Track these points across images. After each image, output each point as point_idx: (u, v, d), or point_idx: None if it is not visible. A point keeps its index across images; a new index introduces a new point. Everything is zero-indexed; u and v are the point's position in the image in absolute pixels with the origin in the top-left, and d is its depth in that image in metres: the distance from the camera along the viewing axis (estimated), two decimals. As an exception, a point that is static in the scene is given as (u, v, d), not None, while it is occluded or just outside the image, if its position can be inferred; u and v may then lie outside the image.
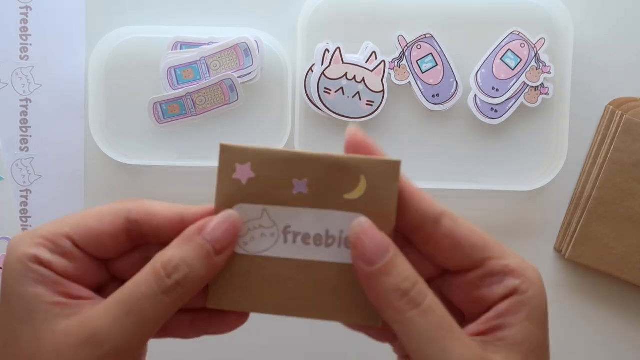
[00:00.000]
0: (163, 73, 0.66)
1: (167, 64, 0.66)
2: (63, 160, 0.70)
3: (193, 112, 0.67)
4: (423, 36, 0.65)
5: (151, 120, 0.67)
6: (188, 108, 0.66)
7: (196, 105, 0.66)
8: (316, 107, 0.65)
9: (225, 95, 0.67)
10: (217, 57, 0.66)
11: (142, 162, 0.67)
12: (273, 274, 0.32)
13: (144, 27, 0.67)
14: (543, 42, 0.65)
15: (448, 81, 0.66)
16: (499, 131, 0.67)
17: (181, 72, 0.66)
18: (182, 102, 0.66)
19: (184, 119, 0.67)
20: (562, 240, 0.69)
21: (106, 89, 0.67)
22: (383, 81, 0.65)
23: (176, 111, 0.67)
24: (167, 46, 0.66)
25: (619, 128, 0.65)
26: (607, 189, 0.66)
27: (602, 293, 0.69)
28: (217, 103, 0.67)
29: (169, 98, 0.66)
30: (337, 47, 0.64)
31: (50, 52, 0.69)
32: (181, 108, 0.67)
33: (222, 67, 0.66)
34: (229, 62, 0.66)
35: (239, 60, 0.65)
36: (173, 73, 0.66)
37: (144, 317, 0.32)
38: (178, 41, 0.66)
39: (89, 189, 0.70)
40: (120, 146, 0.68)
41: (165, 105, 0.66)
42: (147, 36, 0.67)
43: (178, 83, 0.66)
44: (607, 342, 0.70)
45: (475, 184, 0.67)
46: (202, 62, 0.66)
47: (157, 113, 0.66)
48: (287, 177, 0.32)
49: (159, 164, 0.67)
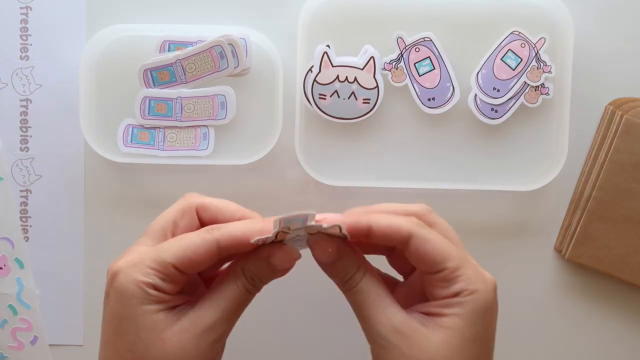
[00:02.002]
0: (140, 76, 0.66)
1: (143, 67, 0.66)
2: (63, 160, 0.70)
3: (179, 117, 0.67)
4: (422, 39, 0.65)
5: (137, 116, 0.67)
6: (175, 113, 0.67)
7: (183, 111, 0.67)
8: (317, 108, 0.65)
9: (215, 110, 0.67)
10: (193, 59, 0.66)
11: (138, 160, 0.67)
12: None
13: (135, 25, 0.67)
14: (543, 42, 0.65)
15: (444, 85, 0.66)
16: (499, 131, 0.67)
17: (157, 74, 0.66)
18: (171, 103, 0.66)
19: (168, 120, 0.67)
20: (562, 241, 0.69)
21: (97, 88, 0.67)
22: (375, 77, 0.65)
23: (163, 111, 0.67)
24: (155, 46, 0.66)
25: (619, 128, 0.65)
26: (607, 189, 0.66)
27: (602, 293, 0.69)
28: (205, 116, 0.67)
29: (159, 96, 0.66)
30: (324, 52, 0.64)
31: (50, 52, 0.69)
32: (168, 109, 0.67)
33: (198, 69, 0.66)
34: (205, 64, 0.66)
35: (214, 63, 0.65)
36: (150, 75, 0.66)
37: (234, 308, 0.46)
38: (166, 40, 0.66)
39: (89, 189, 0.70)
40: (112, 144, 0.68)
41: (154, 102, 0.67)
42: (139, 34, 0.67)
43: (154, 85, 0.66)
44: (607, 342, 0.70)
45: (475, 184, 0.67)
46: (178, 64, 0.66)
47: (144, 109, 0.67)
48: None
49: (157, 162, 0.67)
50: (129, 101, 0.67)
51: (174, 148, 0.67)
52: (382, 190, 0.68)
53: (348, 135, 0.67)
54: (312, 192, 0.69)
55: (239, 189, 0.69)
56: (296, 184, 0.69)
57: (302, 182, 0.68)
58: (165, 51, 0.66)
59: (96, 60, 0.67)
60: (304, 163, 0.66)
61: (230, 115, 0.66)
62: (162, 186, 0.69)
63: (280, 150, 0.67)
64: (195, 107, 0.66)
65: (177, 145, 0.67)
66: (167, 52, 0.66)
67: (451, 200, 0.69)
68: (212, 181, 0.69)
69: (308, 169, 0.66)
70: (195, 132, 0.67)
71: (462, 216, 0.69)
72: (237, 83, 0.67)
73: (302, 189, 0.69)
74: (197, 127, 0.67)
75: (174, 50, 0.66)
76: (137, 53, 0.66)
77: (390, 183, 0.67)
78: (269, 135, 0.67)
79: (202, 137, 0.67)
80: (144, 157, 0.67)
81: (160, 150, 0.67)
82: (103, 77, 0.67)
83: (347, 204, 0.68)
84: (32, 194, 0.70)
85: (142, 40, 0.66)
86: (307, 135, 0.67)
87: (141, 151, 0.67)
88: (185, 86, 0.66)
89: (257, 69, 0.67)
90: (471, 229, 0.69)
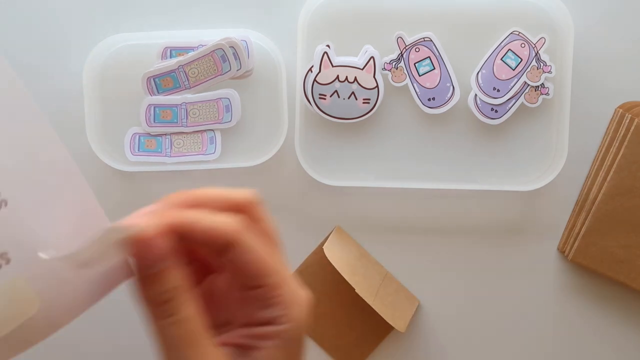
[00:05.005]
0: (143, 84, 0.66)
1: (146, 75, 0.66)
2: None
3: (184, 123, 0.67)
4: (422, 39, 0.65)
5: (142, 124, 0.67)
6: (180, 119, 0.67)
7: (189, 117, 0.67)
8: (317, 108, 0.66)
9: (220, 114, 0.67)
10: (195, 64, 0.66)
11: (146, 168, 0.68)
12: None
13: (135, 34, 0.67)
14: (543, 42, 0.65)
15: (444, 85, 0.66)
16: (499, 131, 0.67)
17: (160, 81, 0.66)
18: (176, 109, 0.67)
19: (174, 126, 0.67)
20: (566, 242, 0.68)
21: (102, 98, 0.68)
22: (375, 77, 0.65)
23: (168, 117, 0.67)
24: (157, 53, 0.66)
25: (628, 131, 0.65)
26: (614, 193, 0.65)
27: (604, 296, 0.69)
28: (211, 120, 0.67)
29: (163, 103, 0.67)
30: (324, 52, 0.64)
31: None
32: (174, 115, 0.67)
33: (200, 74, 0.66)
34: (207, 68, 0.66)
35: (216, 66, 0.66)
36: (153, 82, 0.66)
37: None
38: (167, 47, 0.66)
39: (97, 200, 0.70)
40: (118, 153, 0.68)
41: (159, 109, 0.67)
42: (139, 42, 0.67)
43: (158, 92, 0.67)
44: (609, 345, 0.69)
45: (475, 184, 0.67)
46: (181, 70, 0.66)
47: (149, 116, 0.67)
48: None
49: (166, 169, 0.68)
50: (134, 110, 0.67)
51: (181, 154, 0.67)
52: (382, 190, 0.68)
53: (348, 135, 0.67)
54: (312, 191, 0.69)
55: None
56: (297, 183, 0.69)
57: (303, 181, 0.69)
58: (167, 57, 0.66)
59: (99, 71, 0.67)
60: (304, 163, 0.66)
61: (235, 118, 0.67)
62: (163, 191, 0.69)
63: (287, 149, 0.67)
64: (201, 111, 0.67)
65: (185, 150, 0.67)
66: (168, 58, 0.66)
67: (451, 200, 0.68)
68: (220, 185, 0.69)
69: (308, 169, 0.66)
70: (202, 136, 0.67)
71: (462, 216, 0.69)
72: (240, 85, 0.67)
73: (304, 188, 0.69)
74: (203, 132, 0.67)
75: (175, 56, 0.66)
76: (139, 61, 0.67)
77: (390, 183, 0.67)
78: (276, 135, 0.67)
79: (209, 141, 0.67)
80: (152, 165, 0.67)
81: (167, 157, 0.67)
82: (106, 87, 0.68)
83: (347, 203, 0.69)
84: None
85: (143, 48, 0.67)
86: (307, 136, 0.67)
87: (149, 159, 0.67)
88: (189, 91, 0.67)
89: (260, 70, 0.67)
90: (472, 229, 0.69)
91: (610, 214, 0.66)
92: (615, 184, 0.65)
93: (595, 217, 0.66)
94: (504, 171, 0.67)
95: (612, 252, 0.66)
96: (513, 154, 0.67)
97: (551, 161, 0.66)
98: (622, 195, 0.65)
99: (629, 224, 0.65)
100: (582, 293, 0.69)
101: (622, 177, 0.65)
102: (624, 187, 0.65)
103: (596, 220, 0.66)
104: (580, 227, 0.67)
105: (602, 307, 0.69)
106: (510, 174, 0.67)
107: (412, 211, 0.69)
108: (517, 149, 0.67)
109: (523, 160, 0.67)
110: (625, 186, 0.65)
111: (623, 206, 0.65)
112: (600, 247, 0.66)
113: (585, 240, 0.66)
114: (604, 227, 0.66)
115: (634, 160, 0.65)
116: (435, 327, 0.70)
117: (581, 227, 0.67)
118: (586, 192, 0.67)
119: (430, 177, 0.67)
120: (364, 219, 0.69)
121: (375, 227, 0.69)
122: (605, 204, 0.66)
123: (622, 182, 0.65)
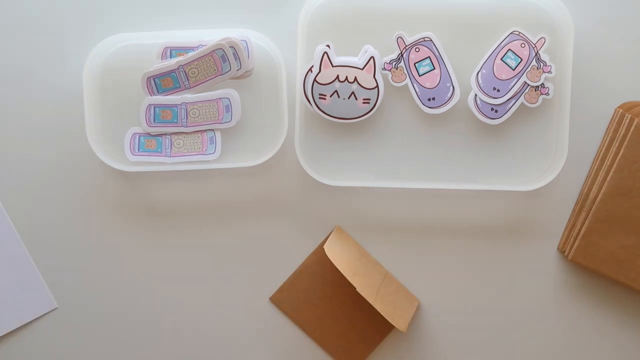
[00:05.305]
0: (143, 84, 0.66)
1: (146, 75, 0.66)
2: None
3: (184, 123, 0.67)
4: (422, 39, 0.65)
5: (142, 124, 0.67)
6: (180, 119, 0.67)
7: (189, 117, 0.67)
8: (317, 108, 0.66)
9: (220, 114, 0.67)
10: (195, 64, 0.66)
11: (147, 168, 0.68)
12: None
13: (135, 34, 0.67)
14: (543, 42, 0.65)
15: (444, 85, 0.66)
16: (499, 131, 0.67)
17: (160, 81, 0.66)
18: (176, 109, 0.67)
19: (174, 126, 0.67)
20: (566, 242, 0.68)
21: (101, 98, 0.68)
22: (375, 77, 0.65)
23: (168, 117, 0.67)
24: (157, 53, 0.66)
25: (628, 131, 0.65)
26: (614, 193, 0.65)
27: (604, 295, 0.69)
28: (211, 120, 0.67)
29: (163, 103, 0.67)
30: (324, 52, 0.64)
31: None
32: (174, 115, 0.67)
33: (200, 74, 0.66)
34: (207, 68, 0.66)
35: (216, 66, 0.66)
36: (153, 82, 0.66)
37: None
38: (167, 47, 0.66)
39: (97, 199, 0.70)
40: (118, 153, 0.68)
41: (159, 109, 0.67)
42: (139, 42, 0.67)
43: (158, 92, 0.67)
44: (609, 345, 0.69)
45: (475, 184, 0.67)
46: (181, 70, 0.66)
47: (149, 116, 0.67)
48: None
49: (166, 169, 0.68)
50: (134, 110, 0.67)
51: (181, 154, 0.67)
52: (382, 190, 0.68)
53: (348, 135, 0.67)
54: (312, 191, 0.69)
55: (247, 190, 0.69)
56: (297, 183, 0.69)
57: (302, 181, 0.69)
58: (166, 57, 0.66)
59: (99, 71, 0.67)
60: (304, 163, 0.66)
61: (235, 118, 0.67)
62: (170, 193, 0.70)
63: (287, 149, 0.67)
64: (201, 111, 0.67)
65: (185, 150, 0.67)
66: (168, 58, 0.66)
67: (451, 200, 0.68)
68: (219, 186, 0.70)
69: (308, 169, 0.66)
70: (202, 136, 0.67)
71: (462, 216, 0.69)
72: (240, 85, 0.67)
73: (304, 188, 0.69)
74: (203, 132, 0.67)
75: (175, 56, 0.66)
76: (139, 61, 0.67)
77: (389, 183, 0.67)
78: (276, 135, 0.67)
79: (209, 141, 0.67)
80: (152, 165, 0.67)
81: (167, 157, 0.67)
82: (106, 87, 0.68)
83: (347, 203, 0.69)
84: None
85: (143, 48, 0.67)
86: (307, 136, 0.67)
87: (149, 159, 0.67)
88: (189, 91, 0.67)
89: (260, 70, 0.67)
90: (472, 229, 0.69)
91: (610, 214, 0.66)
92: (615, 184, 0.65)
93: (595, 217, 0.66)
94: (504, 171, 0.67)
95: (612, 252, 0.66)
96: (513, 154, 0.67)
97: (551, 161, 0.66)
98: (622, 195, 0.65)
99: (629, 224, 0.65)
100: (582, 293, 0.69)
101: (622, 177, 0.65)
102: (624, 187, 0.65)
103: (596, 220, 0.66)
104: (580, 227, 0.67)
105: (602, 306, 0.69)
106: (511, 174, 0.67)
107: (412, 211, 0.69)
108: (517, 149, 0.67)
109: (523, 160, 0.67)
110: (625, 186, 0.65)
111: (623, 206, 0.65)
112: (600, 247, 0.66)
113: (585, 240, 0.66)
114: (604, 227, 0.66)
115: (634, 160, 0.65)
116: (435, 327, 0.70)
117: (581, 227, 0.67)
118: (586, 192, 0.67)
119: (430, 177, 0.67)
120: (364, 219, 0.69)
121: (375, 227, 0.69)
122: (605, 204, 0.66)
123: (622, 182, 0.65)
